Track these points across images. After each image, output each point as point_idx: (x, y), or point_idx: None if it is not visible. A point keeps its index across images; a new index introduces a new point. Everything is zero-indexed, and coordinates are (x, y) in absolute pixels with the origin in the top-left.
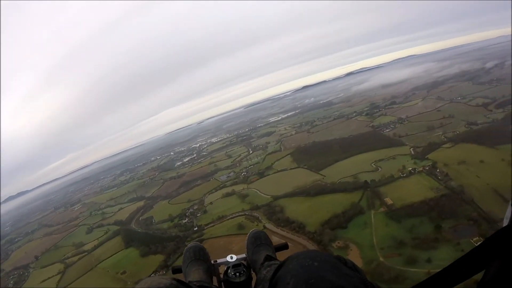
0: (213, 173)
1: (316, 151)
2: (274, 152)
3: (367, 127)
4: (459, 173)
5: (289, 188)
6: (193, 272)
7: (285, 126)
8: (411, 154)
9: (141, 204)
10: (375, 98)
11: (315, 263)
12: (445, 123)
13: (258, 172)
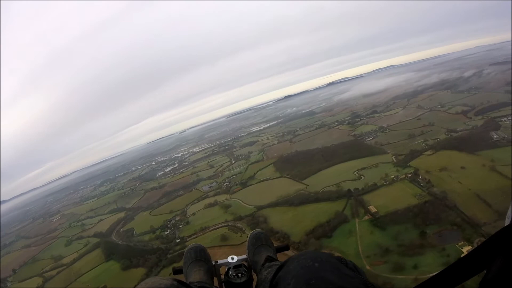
0: (195, 183)
1: (299, 160)
2: (256, 161)
3: (349, 136)
4: (441, 180)
5: (272, 197)
6: (194, 273)
7: (268, 135)
8: (393, 162)
9: (121, 215)
10: (356, 107)
11: (316, 264)
12: (426, 131)
13: (240, 182)
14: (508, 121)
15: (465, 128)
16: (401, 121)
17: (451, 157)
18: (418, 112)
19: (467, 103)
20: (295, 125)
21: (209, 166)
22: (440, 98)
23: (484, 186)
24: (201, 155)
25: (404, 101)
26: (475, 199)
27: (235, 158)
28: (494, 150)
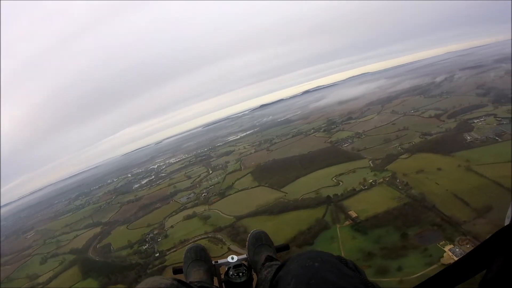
0: (173, 195)
1: (277, 168)
2: (234, 171)
3: (325, 143)
4: (418, 182)
5: (251, 207)
6: (194, 272)
7: (244, 144)
8: (371, 166)
9: (98, 230)
10: (332, 114)
11: (316, 264)
12: (401, 135)
13: (219, 192)
14: (481, 122)
15: (439, 131)
16: (376, 126)
17: (427, 159)
18: (392, 117)
19: (440, 107)
20: (272, 133)
21: (186, 177)
22: (413, 103)
23: (461, 186)
24: (178, 166)
25: (378, 107)
26: (453, 198)
27: (213, 168)
28: (469, 150)
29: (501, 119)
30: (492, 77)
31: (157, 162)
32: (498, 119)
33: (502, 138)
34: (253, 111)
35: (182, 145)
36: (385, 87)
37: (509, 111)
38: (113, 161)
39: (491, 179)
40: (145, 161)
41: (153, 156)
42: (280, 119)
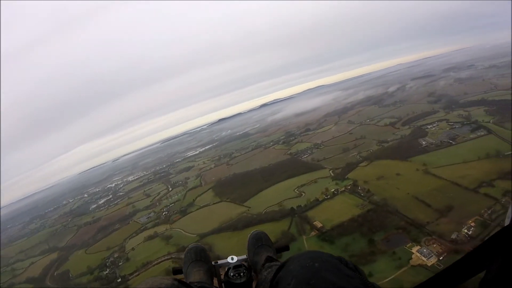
0: (132, 214)
1: (238, 183)
2: (194, 187)
3: (285, 155)
4: (379, 188)
5: (215, 224)
6: (194, 273)
7: (204, 159)
8: (331, 176)
9: (54, 256)
10: (290, 126)
11: (316, 264)
12: (359, 144)
13: (180, 210)
14: (434, 128)
15: (395, 138)
16: (334, 136)
17: (385, 165)
18: (349, 127)
19: (394, 115)
20: (231, 147)
21: (146, 195)
22: (368, 112)
23: (421, 189)
24: (136, 184)
25: (335, 118)
26: (414, 201)
27: (172, 185)
28: (425, 155)
29: (453, 123)
30: (442, 85)
31: (114, 181)
32: (450, 124)
33: (456, 141)
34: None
35: (140, 162)
36: (341, 99)
37: (460, 115)
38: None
39: (449, 180)
40: (102, 179)
41: (110, 174)
42: (239, 133)
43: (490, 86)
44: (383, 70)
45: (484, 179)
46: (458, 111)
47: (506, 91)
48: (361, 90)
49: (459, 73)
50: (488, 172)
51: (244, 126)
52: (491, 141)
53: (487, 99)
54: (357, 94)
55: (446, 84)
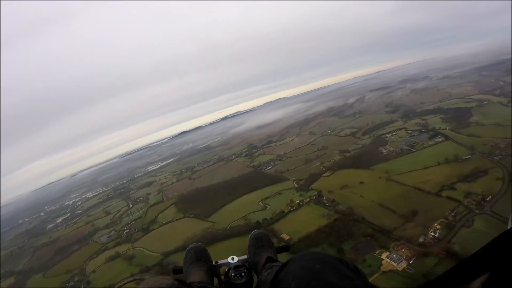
0: (92, 234)
1: (201, 197)
2: (156, 203)
3: (248, 167)
4: (344, 197)
5: (179, 241)
6: (194, 273)
7: (165, 174)
8: (296, 187)
9: (11, 281)
10: (252, 139)
11: (317, 265)
12: (321, 154)
13: (142, 227)
14: (393, 136)
15: (356, 148)
16: (296, 148)
17: (349, 175)
18: (311, 138)
19: (354, 125)
20: (193, 161)
21: (105, 213)
22: (329, 123)
23: (385, 196)
24: (96, 200)
25: (296, 129)
26: (379, 208)
27: (133, 201)
28: (386, 162)
29: (412, 131)
30: (399, 96)
31: (72, 198)
32: (408, 132)
33: (415, 148)
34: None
35: (99, 178)
36: (302, 110)
37: (418, 124)
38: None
39: (411, 186)
40: (59, 196)
41: (68, 191)
42: (200, 146)
43: (445, 95)
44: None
45: (445, 183)
46: (416, 119)
47: (460, 100)
48: (322, 102)
49: (415, 84)
50: (449, 176)
51: (206, 139)
52: (449, 147)
53: (443, 108)
54: (317, 106)
55: (402, 94)
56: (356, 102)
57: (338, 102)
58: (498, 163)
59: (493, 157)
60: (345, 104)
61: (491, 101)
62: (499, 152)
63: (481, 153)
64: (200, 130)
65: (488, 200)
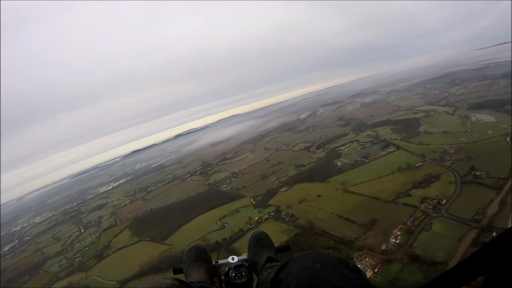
0: (42, 263)
1: (156, 219)
2: (109, 227)
3: (203, 186)
4: (303, 211)
5: (135, 267)
6: (194, 272)
7: (118, 195)
8: (253, 204)
9: None
10: (206, 156)
11: (317, 265)
12: (277, 170)
13: (95, 254)
14: (347, 149)
15: (311, 161)
16: (251, 164)
17: (305, 188)
18: (266, 154)
19: (308, 140)
20: (146, 181)
21: (55, 239)
22: (283, 139)
23: (343, 207)
24: (45, 226)
25: (251, 146)
26: (339, 220)
27: (85, 226)
28: (342, 174)
29: (364, 143)
30: (350, 110)
31: (20, 223)
32: (361, 144)
33: (369, 159)
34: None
35: (48, 201)
36: (255, 127)
37: (370, 135)
38: None
39: (368, 196)
40: (6, 222)
41: (15, 216)
42: (154, 165)
43: (394, 108)
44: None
45: (401, 190)
46: (367, 131)
47: (408, 111)
48: (275, 118)
49: (365, 98)
50: (403, 183)
51: (159, 157)
52: (401, 156)
53: (392, 119)
54: (271, 122)
55: (353, 108)
56: (308, 117)
57: (291, 118)
58: (449, 168)
59: (444, 162)
60: (298, 119)
61: (437, 111)
62: (449, 157)
63: (432, 159)
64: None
65: (443, 203)
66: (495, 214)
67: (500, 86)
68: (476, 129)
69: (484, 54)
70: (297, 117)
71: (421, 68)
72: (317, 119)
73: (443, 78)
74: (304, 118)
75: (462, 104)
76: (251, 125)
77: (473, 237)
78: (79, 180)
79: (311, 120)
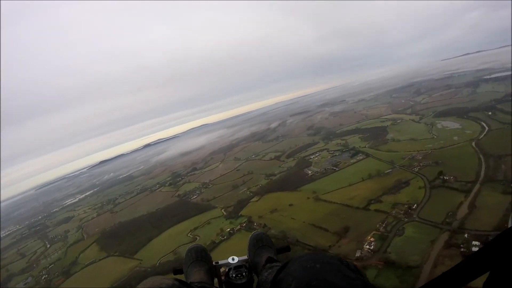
0: (7, 281)
1: (125, 232)
2: (76, 241)
3: (173, 197)
4: (275, 221)
5: (105, 283)
6: (195, 273)
7: (85, 208)
8: (224, 215)
9: None
10: (176, 167)
11: (317, 265)
12: (247, 180)
13: (62, 271)
14: (317, 157)
15: (281, 171)
16: (222, 174)
17: (277, 198)
18: (236, 164)
19: (278, 149)
20: (114, 192)
21: (20, 255)
22: (253, 148)
23: (315, 216)
24: (9, 241)
25: (221, 155)
26: (312, 228)
27: (50, 240)
28: (312, 183)
29: (334, 151)
30: (319, 119)
31: None
32: (331, 152)
33: (339, 167)
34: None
35: (12, 214)
36: (225, 136)
37: (339, 144)
38: None
39: (340, 203)
40: None
41: None
42: (122, 176)
43: (362, 117)
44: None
45: (372, 197)
46: (336, 140)
47: (376, 120)
48: (245, 127)
49: (333, 108)
50: (374, 190)
51: (128, 168)
52: (370, 163)
53: (361, 128)
54: (241, 131)
55: (322, 118)
56: (278, 126)
57: (261, 127)
58: (417, 173)
59: (413, 168)
60: (268, 129)
61: (404, 119)
62: (417, 163)
63: (401, 166)
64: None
65: (414, 208)
66: (465, 216)
67: (464, 94)
68: (442, 135)
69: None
70: (267, 127)
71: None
72: (287, 128)
73: (409, 88)
74: (274, 128)
75: (428, 112)
76: (222, 134)
77: (445, 239)
78: (45, 192)
79: (281, 130)
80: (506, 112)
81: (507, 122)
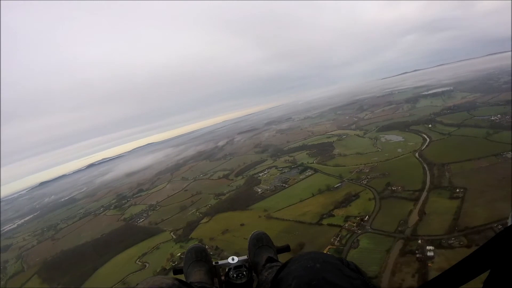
0: None
1: (68, 262)
2: (16, 273)
3: (119, 221)
4: (227, 242)
5: None
6: (195, 273)
7: (24, 235)
8: (174, 238)
9: None
10: (121, 188)
11: (317, 265)
12: (196, 200)
13: None
14: (266, 175)
15: (230, 190)
16: (169, 195)
17: (227, 218)
18: (183, 184)
19: (226, 167)
20: (56, 217)
21: None
22: (201, 167)
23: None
24: None
25: (168, 176)
26: None
27: None
28: (263, 201)
29: (282, 168)
30: (266, 136)
31: None
32: (279, 169)
33: (288, 183)
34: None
35: None
36: (172, 155)
37: (287, 161)
38: None
39: (292, 220)
40: None
41: None
42: (64, 199)
43: (308, 133)
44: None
45: (323, 211)
46: (284, 157)
47: (322, 136)
48: (192, 146)
49: (280, 125)
50: (325, 204)
51: (70, 190)
52: (319, 178)
53: (307, 144)
54: (188, 150)
55: (269, 135)
56: (226, 144)
57: (209, 146)
58: (366, 186)
59: (361, 181)
60: (216, 147)
61: (349, 135)
62: (365, 176)
63: (349, 179)
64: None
65: (366, 220)
66: (416, 223)
67: (404, 109)
68: (387, 148)
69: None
70: (214, 145)
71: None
72: (234, 146)
73: (352, 105)
74: (222, 146)
75: (371, 127)
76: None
77: (400, 247)
78: None
79: (229, 148)
80: (445, 124)
81: (446, 133)
